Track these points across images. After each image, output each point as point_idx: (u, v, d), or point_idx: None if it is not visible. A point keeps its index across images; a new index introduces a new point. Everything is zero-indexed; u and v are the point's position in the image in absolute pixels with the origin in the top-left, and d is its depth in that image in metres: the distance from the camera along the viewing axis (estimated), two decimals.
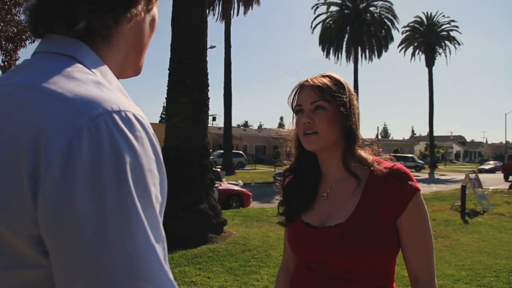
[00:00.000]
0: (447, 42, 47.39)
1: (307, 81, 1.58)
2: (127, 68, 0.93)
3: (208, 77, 7.85)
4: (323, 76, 1.58)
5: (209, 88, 7.89)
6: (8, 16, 11.60)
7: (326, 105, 1.51)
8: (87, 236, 0.60)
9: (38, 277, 0.67)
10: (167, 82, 7.74)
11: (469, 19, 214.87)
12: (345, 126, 1.52)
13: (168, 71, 7.74)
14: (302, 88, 1.58)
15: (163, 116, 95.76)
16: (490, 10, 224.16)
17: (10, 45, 12.01)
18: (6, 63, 12.07)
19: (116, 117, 0.65)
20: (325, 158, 1.57)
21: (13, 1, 11.88)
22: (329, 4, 40.11)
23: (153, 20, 0.95)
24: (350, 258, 1.42)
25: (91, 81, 0.72)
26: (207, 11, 7.93)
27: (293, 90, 1.61)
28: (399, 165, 1.52)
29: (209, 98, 7.80)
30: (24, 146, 0.63)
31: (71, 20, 0.77)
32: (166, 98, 7.76)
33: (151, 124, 0.80)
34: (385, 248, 1.43)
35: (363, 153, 1.55)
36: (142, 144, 0.67)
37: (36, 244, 0.65)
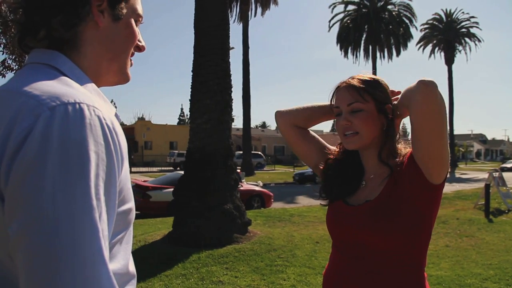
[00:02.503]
0: (467, 39, 46.84)
1: (343, 82, 1.65)
2: (104, 74, 1.04)
3: (231, 78, 7.91)
4: (360, 77, 1.64)
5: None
6: (19, 18, 11.73)
7: (363, 105, 1.58)
8: (28, 200, 0.72)
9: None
10: (190, 84, 7.82)
11: (490, 16, 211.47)
12: (383, 123, 1.60)
13: (191, 73, 7.82)
14: (339, 89, 1.65)
15: (181, 118, 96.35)
16: (510, 7, 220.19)
17: None
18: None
19: (70, 107, 0.78)
20: (365, 154, 1.68)
21: None
22: (347, 3, 39.93)
23: (128, 28, 1.04)
24: (374, 232, 1.50)
25: (60, 82, 0.86)
26: None
27: (331, 92, 1.69)
28: None
29: (232, 99, 7.86)
30: (1, 130, 0.78)
31: (33, 32, 0.94)
32: (190, 100, 7.84)
33: (170, 126, 0.93)
34: (409, 230, 1.49)
35: (402, 146, 1.65)
36: (91, 130, 0.78)
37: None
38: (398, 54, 39.68)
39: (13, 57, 12.53)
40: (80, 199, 0.74)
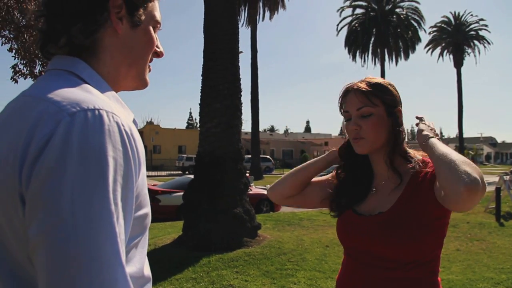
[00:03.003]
0: (476, 42, 46.55)
1: (352, 86, 1.63)
2: (122, 79, 1.06)
3: (241, 82, 7.94)
4: (368, 80, 1.63)
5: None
6: (41, 26, 11.89)
7: (372, 110, 1.57)
8: (47, 200, 0.74)
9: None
10: (200, 88, 7.86)
11: (499, 19, 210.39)
12: (392, 128, 1.59)
13: (201, 77, 7.86)
14: (348, 93, 1.63)
15: (189, 122, 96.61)
16: None
17: None
18: (43, 73, 12.41)
19: (89, 113, 0.81)
20: (375, 158, 1.66)
21: None
22: (355, 7, 39.94)
23: (146, 35, 1.06)
24: (387, 245, 1.49)
25: (80, 89, 0.89)
26: None
27: (340, 96, 1.67)
28: None
29: (242, 103, 7.89)
30: (21, 137, 0.80)
31: (54, 39, 0.97)
32: (199, 104, 7.87)
33: (178, 130, 0.97)
34: (422, 242, 1.47)
35: (412, 152, 1.63)
36: (109, 136, 0.80)
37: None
38: (406, 57, 39.59)
39: (24, 62, 12.67)
40: (98, 203, 0.76)
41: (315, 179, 1.85)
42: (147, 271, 1.00)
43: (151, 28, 1.07)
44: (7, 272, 0.85)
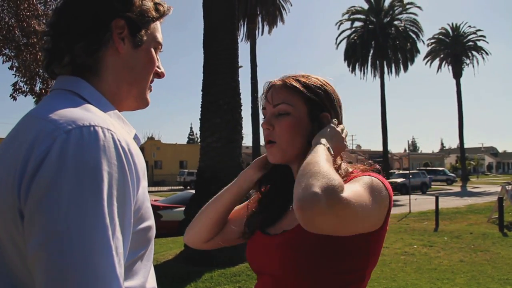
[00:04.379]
0: (474, 53, 46.77)
1: (278, 79, 1.37)
2: (124, 99, 1.08)
3: (241, 97, 7.98)
4: (300, 76, 1.36)
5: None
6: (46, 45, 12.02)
7: (290, 108, 1.29)
8: (44, 213, 0.76)
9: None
10: (200, 103, 7.89)
11: (497, 29, 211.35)
12: (314, 134, 1.28)
13: (201, 93, 7.90)
14: (271, 88, 1.37)
15: (190, 137, 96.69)
16: None
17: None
18: (43, 90, 12.48)
19: (85, 130, 0.83)
20: (295, 170, 1.33)
21: None
22: (353, 20, 40.15)
23: (147, 55, 1.08)
24: (285, 270, 1.21)
25: (80, 107, 0.91)
26: None
27: (263, 90, 1.41)
28: (366, 174, 1.25)
29: (242, 118, 7.91)
30: (21, 155, 0.83)
31: (58, 58, 1.00)
32: (200, 119, 7.90)
33: (179, 145, 1.03)
34: (328, 268, 1.18)
35: (349, 167, 1.34)
36: (104, 151, 0.82)
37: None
38: (405, 69, 39.68)
39: (24, 80, 12.76)
40: (93, 217, 0.77)
41: (233, 212, 1.51)
42: (153, 284, 1.01)
43: (152, 49, 1.09)
44: (9, 286, 0.86)
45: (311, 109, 1.30)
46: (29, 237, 0.78)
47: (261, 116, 1.42)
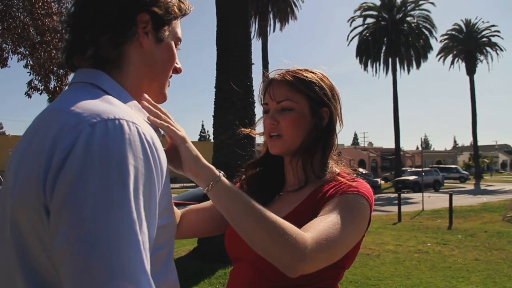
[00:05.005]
0: (488, 49, 46.29)
1: (277, 74, 1.42)
2: (144, 93, 1.07)
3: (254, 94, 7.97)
4: (299, 71, 1.40)
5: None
6: (60, 43, 12.19)
7: (293, 105, 1.36)
8: (71, 211, 0.75)
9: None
10: (213, 100, 7.90)
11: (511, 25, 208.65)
12: (314, 131, 1.37)
13: (214, 89, 7.90)
14: (271, 83, 1.42)
15: (202, 134, 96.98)
16: None
17: (61, 70, 12.54)
18: (57, 88, 12.60)
19: (109, 123, 0.81)
20: (287, 162, 1.44)
21: (64, 29, 12.38)
22: (365, 16, 39.91)
23: (169, 50, 1.09)
24: (262, 260, 1.18)
25: (101, 100, 0.89)
26: None
27: (261, 85, 1.47)
28: (357, 179, 1.35)
29: (255, 115, 7.90)
30: (45, 149, 0.81)
31: (81, 50, 0.99)
32: (213, 116, 7.91)
33: (191, 142, 1.13)
34: None
35: (334, 166, 1.41)
36: (130, 145, 0.81)
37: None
38: (418, 66, 39.37)
39: (39, 78, 12.89)
40: (121, 212, 0.76)
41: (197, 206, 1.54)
42: (175, 277, 1.01)
43: (173, 44, 1.10)
44: (36, 284, 0.85)
45: (312, 105, 1.37)
46: (55, 233, 0.76)
47: (259, 108, 1.49)
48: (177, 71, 1.15)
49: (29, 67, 12.45)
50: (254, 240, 1.11)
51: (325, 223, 1.16)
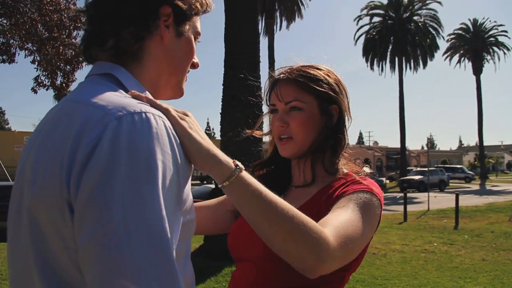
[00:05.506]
0: (495, 48, 46.08)
1: (282, 73, 1.37)
2: (162, 88, 1.05)
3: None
4: (305, 69, 1.36)
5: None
6: (67, 40, 12.22)
7: (302, 105, 1.32)
8: (95, 204, 0.72)
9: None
10: (221, 97, 7.89)
11: None
12: (324, 130, 1.33)
13: (222, 87, 7.89)
14: (277, 83, 1.37)
15: (207, 132, 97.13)
16: None
17: (68, 67, 12.59)
18: (64, 84, 12.64)
19: (136, 117, 0.78)
20: (295, 162, 1.41)
21: (72, 25, 12.55)
22: (372, 15, 39.82)
23: (188, 44, 1.06)
24: (266, 254, 1.17)
25: (122, 94, 0.87)
26: None
27: (267, 85, 1.43)
28: (366, 179, 1.30)
29: (263, 112, 7.87)
30: (67, 143, 0.78)
31: (100, 41, 0.95)
32: (220, 113, 7.90)
33: None
34: None
35: (343, 166, 1.37)
36: (158, 139, 0.78)
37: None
38: (425, 65, 39.25)
39: (46, 74, 12.95)
40: (150, 209, 0.73)
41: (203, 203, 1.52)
42: (192, 271, 0.99)
43: (193, 38, 1.07)
44: (55, 283, 0.81)
45: (321, 103, 1.33)
46: (80, 231, 0.73)
47: (263, 107, 1.46)
48: (194, 66, 1.13)
49: (36, 63, 12.50)
50: (275, 242, 1.02)
51: (342, 219, 1.11)
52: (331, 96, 1.32)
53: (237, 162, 1.00)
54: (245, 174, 0.99)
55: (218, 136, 8.14)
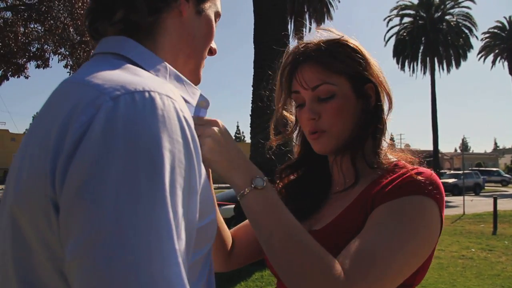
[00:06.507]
0: None
1: (300, 54, 1.12)
2: (179, 72, 0.88)
3: None
4: (328, 43, 1.12)
5: None
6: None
7: (334, 89, 1.08)
8: (83, 196, 0.58)
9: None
10: (251, 99, 7.83)
11: None
12: (362, 116, 1.11)
13: (251, 88, 7.83)
14: (298, 66, 1.12)
15: (237, 135, 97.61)
16: None
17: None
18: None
19: (137, 96, 0.63)
20: (332, 159, 1.19)
21: None
22: (402, 16, 39.21)
23: (208, 24, 0.91)
24: None
25: (126, 71, 0.72)
26: None
27: (285, 67, 1.16)
28: (421, 170, 1.04)
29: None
30: (55, 130, 0.64)
31: (108, 13, 0.81)
32: (250, 115, 7.85)
33: None
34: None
35: (389, 153, 1.14)
36: (164, 123, 0.62)
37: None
38: (458, 65, 38.34)
39: None
40: (153, 212, 0.58)
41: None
42: (213, 285, 0.85)
43: (213, 18, 0.93)
44: None
45: (354, 83, 1.10)
46: (67, 238, 0.58)
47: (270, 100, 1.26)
48: (212, 52, 0.99)
49: (69, 67, 12.73)
50: (285, 271, 0.90)
51: (373, 246, 0.92)
52: (363, 73, 1.10)
53: (257, 176, 0.97)
54: (260, 191, 0.94)
55: (248, 139, 8.06)
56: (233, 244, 1.27)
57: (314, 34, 1.17)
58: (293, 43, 1.25)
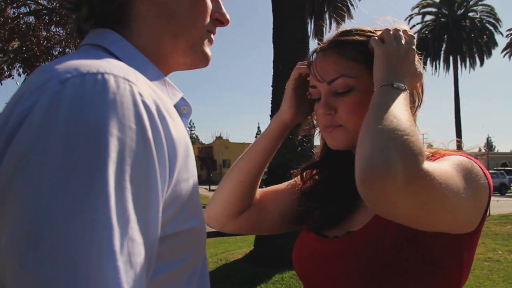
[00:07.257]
0: None
1: (321, 46, 1.07)
2: (169, 55, 0.80)
3: None
4: (346, 33, 1.07)
5: None
6: None
7: (353, 82, 1.00)
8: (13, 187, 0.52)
9: None
10: (270, 99, 7.76)
11: None
12: None
13: (271, 88, 7.76)
14: (317, 57, 1.07)
15: (258, 136, 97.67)
16: None
17: None
18: None
19: (88, 78, 0.57)
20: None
21: None
22: (424, 14, 38.73)
23: None
24: (348, 281, 0.95)
25: (95, 57, 0.64)
26: None
27: (307, 62, 1.12)
28: (455, 154, 0.97)
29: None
30: (4, 115, 0.59)
31: (78, 10, 0.77)
32: (270, 116, 7.77)
33: (247, 144, 0.75)
34: (408, 286, 0.91)
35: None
36: (114, 108, 0.55)
37: None
38: (482, 63, 37.66)
39: None
40: (90, 209, 0.51)
41: (271, 188, 1.27)
42: None
43: None
44: None
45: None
46: (2, 231, 0.52)
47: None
48: (220, 22, 0.87)
49: None
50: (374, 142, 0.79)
51: (444, 167, 0.85)
52: None
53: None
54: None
55: None
56: (254, 204, 1.23)
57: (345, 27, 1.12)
58: (313, 43, 1.17)
